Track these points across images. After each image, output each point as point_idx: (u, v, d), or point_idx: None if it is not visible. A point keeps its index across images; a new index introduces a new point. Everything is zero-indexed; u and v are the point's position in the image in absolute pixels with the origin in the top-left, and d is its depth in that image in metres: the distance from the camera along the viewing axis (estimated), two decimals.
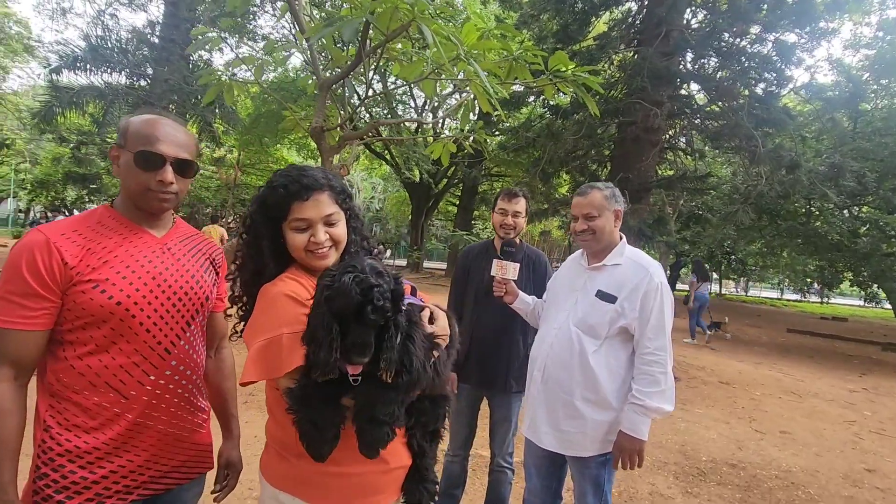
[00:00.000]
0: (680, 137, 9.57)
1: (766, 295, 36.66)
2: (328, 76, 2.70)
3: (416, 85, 3.05)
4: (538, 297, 2.30)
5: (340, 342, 0.95)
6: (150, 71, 12.54)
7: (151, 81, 12.29)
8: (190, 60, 12.76)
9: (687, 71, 8.50)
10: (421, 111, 18.28)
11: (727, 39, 8.21)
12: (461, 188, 21.17)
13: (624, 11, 9.46)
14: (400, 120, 15.98)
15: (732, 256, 20.63)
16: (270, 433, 1.21)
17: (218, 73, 2.74)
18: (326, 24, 2.02)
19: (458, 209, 22.33)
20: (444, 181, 20.46)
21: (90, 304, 1.11)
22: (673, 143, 9.52)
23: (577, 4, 8.68)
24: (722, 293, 29.97)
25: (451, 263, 20.78)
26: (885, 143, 10.48)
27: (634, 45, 8.71)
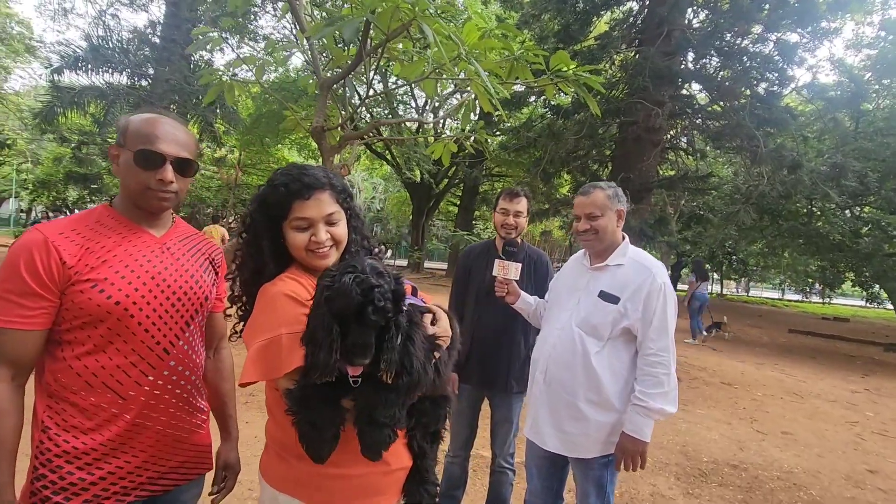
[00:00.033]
0: (681, 137, 9.54)
1: (767, 295, 36.68)
2: (329, 76, 2.69)
3: (416, 85, 3.03)
4: (539, 297, 2.29)
5: (340, 343, 0.94)
6: (151, 71, 12.55)
7: (152, 81, 12.30)
8: (191, 60, 12.78)
9: (688, 71, 8.47)
10: (422, 111, 18.26)
11: (729, 39, 8.17)
12: (462, 188, 21.15)
13: (625, 11, 9.45)
14: (401, 120, 15.97)
15: (734, 256, 20.60)
16: (270, 434, 1.20)
17: (219, 73, 2.72)
18: (327, 23, 2.01)
19: (458, 209, 22.32)
20: (444, 181, 20.45)
21: (88, 303, 1.10)
22: (674, 142, 9.50)
23: (578, 4, 8.66)
24: (723, 293, 29.95)
25: (451, 263, 20.77)
26: (887, 143, 10.44)
27: (636, 44, 8.69)
